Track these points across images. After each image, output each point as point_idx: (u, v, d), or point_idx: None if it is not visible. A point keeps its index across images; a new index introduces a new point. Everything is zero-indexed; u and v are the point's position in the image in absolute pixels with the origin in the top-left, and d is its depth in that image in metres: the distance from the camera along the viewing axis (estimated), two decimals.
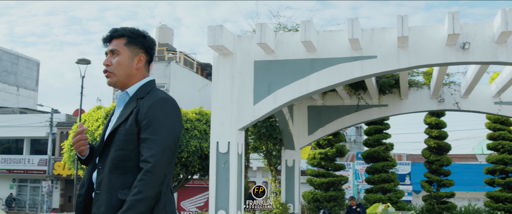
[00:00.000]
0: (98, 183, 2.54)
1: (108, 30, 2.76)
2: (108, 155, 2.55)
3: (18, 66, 40.85)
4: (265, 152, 13.69)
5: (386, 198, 15.78)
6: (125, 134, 2.53)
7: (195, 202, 28.71)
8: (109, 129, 2.63)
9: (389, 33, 8.37)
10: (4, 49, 39.91)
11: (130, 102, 2.63)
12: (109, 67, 2.67)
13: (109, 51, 2.68)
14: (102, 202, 2.49)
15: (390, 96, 13.31)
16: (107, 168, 2.53)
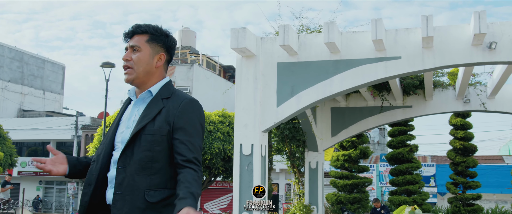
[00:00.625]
0: (118, 183, 2.45)
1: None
2: (131, 155, 2.47)
3: (44, 70, 41.54)
4: (288, 154, 13.67)
5: (411, 200, 15.60)
6: (153, 134, 2.47)
7: (218, 204, 28.81)
8: (132, 128, 2.52)
9: (413, 33, 8.29)
10: (30, 54, 40.63)
11: (154, 102, 2.56)
12: (128, 63, 2.60)
13: (129, 47, 2.62)
14: (124, 203, 2.42)
15: (415, 97, 13.17)
16: (132, 168, 2.45)
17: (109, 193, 2.51)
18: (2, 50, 37.73)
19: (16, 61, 38.86)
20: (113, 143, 2.57)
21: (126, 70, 2.61)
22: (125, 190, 2.44)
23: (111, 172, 2.52)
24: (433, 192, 25.35)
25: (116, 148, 2.55)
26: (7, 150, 20.40)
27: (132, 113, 2.60)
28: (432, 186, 25.88)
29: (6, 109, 36.49)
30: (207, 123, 15.37)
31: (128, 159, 2.47)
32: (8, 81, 37.56)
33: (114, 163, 2.51)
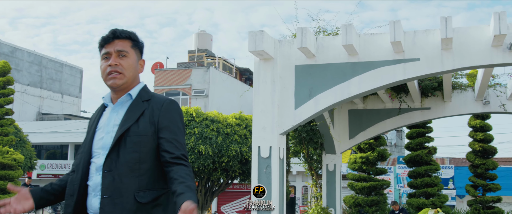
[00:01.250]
0: (105, 188, 2.42)
1: (110, 32, 2.68)
2: (116, 158, 2.46)
3: (62, 74, 42.02)
4: (306, 156, 13.64)
5: (430, 203, 15.47)
6: (139, 135, 2.49)
7: (235, 206, 28.84)
8: (113, 132, 2.52)
9: (432, 35, 8.23)
10: (49, 58, 41.14)
11: (135, 105, 2.58)
12: (118, 68, 2.57)
13: (115, 52, 2.59)
14: (114, 206, 2.41)
15: (433, 99, 13.07)
16: (119, 171, 2.44)
17: (93, 201, 2.48)
18: (21, 54, 38.25)
19: (35, 65, 39.38)
20: (90, 151, 2.54)
21: (113, 74, 2.57)
22: (113, 193, 2.42)
23: (95, 179, 2.48)
24: (452, 194, 25.09)
25: (96, 155, 2.53)
26: (27, 153, 20.68)
27: (111, 117, 2.59)
28: (450, 188, 25.62)
29: (25, 112, 36.98)
30: (224, 125, 15.40)
31: (113, 162, 2.46)
32: (27, 85, 38.07)
33: (97, 169, 2.49)
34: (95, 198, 2.48)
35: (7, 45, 37.19)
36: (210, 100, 30.26)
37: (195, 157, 14.65)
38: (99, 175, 2.48)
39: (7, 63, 16.59)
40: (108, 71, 2.58)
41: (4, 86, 16.23)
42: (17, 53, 37.81)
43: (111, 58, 2.59)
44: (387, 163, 28.66)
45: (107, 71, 2.58)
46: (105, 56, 2.61)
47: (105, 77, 2.60)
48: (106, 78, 2.60)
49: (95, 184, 2.48)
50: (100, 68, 2.64)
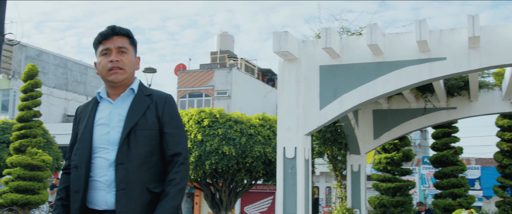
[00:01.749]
0: (119, 181, 2.47)
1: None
2: (127, 152, 2.51)
3: (87, 76, 42.60)
4: (330, 157, 13.59)
5: (457, 204, 15.27)
6: (148, 129, 2.57)
7: (258, 207, 28.85)
8: (120, 127, 2.56)
9: (458, 33, 8.13)
10: (74, 60, 41.75)
11: (139, 99, 2.64)
12: (119, 63, 2.63)
13: (116, 48, 2.64)
14: (129, 199, 2.46)
15: (459, 98, 12.90)
16: (132, 164, 2.50)
17: (109, 197, 2.51)
18: (47, 57, 38.89)
19: (61, 68, 40.00)
20: (91, 146, 2.57)
21: (115, 70, 2.62)
22: (128, 185, 2.48)
23: (110, 174, 2.52)
24: (479, 195, 24.71)
25: (101, 150, 2.56)
26: (54, 154, 21.03)
27: (114, 112, 2.62)
28: (477, 189, 25.22)
29: (51, 114, 37.58)
30: (247, 126, 15.45)
31: (125, 155, 2.51)
32: (53, 87, 38.69)
33: (111, 165, 2.52)
34: (110, 194, 2.51)
35: (33, 48, 37.87)
36: (232, 101, 30.35)
37: (219, 157, 14.72)
38: (112, 170, 2.52)
39: (35, 67, 16.89)
40: (109, 67, 2.63)
41: (32, 89, 16.54)
42: (43, 56, 38.46)
43: (111, 54, 2.64)
44: (412, 164, 28.37)
45: (108, 67, 2.63)
46: (104, 52, 2.65)
47: (105, 73, 2.64)
48: (106, 74, 2.63)
49: (111, 179, 2.52)
50: (99, 64, 2.67)
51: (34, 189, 15.17)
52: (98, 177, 2.53)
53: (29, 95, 16.47)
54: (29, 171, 15.20)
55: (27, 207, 15.16)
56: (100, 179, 2.53)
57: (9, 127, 20.52)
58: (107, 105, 2.66)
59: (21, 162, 15.13)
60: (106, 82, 2.69)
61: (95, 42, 2.70)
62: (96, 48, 2.70)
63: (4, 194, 15.07)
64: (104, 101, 2.69)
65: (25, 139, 15.93)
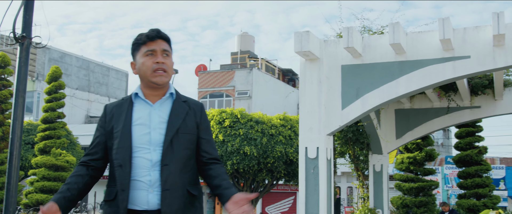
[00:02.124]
0: (164, 181, 2.52)
1: (163, 34, 2.74)
2: (171, 154, 2.56)
3: (109, 77, 43.06)
4: (352, 157, 13.52)
5: (481, 204, 15.06)
6: (189, 133, 2.64)
7: (279, 207, 28.84)
8: (162, 129, 2.59)
9: (483, 31, 8.01)
10: (96, 62, 42.24)
11: (178, 104, 2.69)
12: (164, 66, 2.66)
13: (161, 51, 2.67)
14: (173, 199, 2.53)
15: (483, 97, 12.71)
16: (175, 166, 2.56)
17: (151, 196, 2.54)
18: (70, 59, 39.43)
19: (83, 70, 40.49)
20: (131, 146, 2.58)
21: (160, 72, 2.65)
22: (172, 187, 2.55)
23: (153, 174, 2.55)
24: (503, 195, 24.33)
25: (140, 150, 2.58)
26: (77, 154, 21.31)
27: (154, 114, 2.65)
28: (502, 189, 24.85)
29: (74, 115, 38.08)
30: (268, 126, 15.46)
31: (169, 157, 2.56)
32: (76, 89, 39.19)
33: (154, 165, 2.56)
34: (152, 194, 2.54)
35: (56, 51, 38.42)
36: (253, 101, 30.38)
37: (240, 158, 14.75)
38: (156, 170, 2.56)
39: (59, 69, 17.15)
40: (155, 68, 2.65)
41: (56, 90, 16.79)
42: (66, 59, 38.99)
43: (157, 56, 2.66)
44: (435, 163, 28.06)
45: (154, 68, 2.65)
46: (149, 53, 2.66)
47: (150, 73, 2.65)
48: (151, 75, 2.65)
49: (155, 180, 2.55)
50: (142, 64, 2.67)
51: (57, 191, 15.39)
52: (139, 177, 2.55)
53: (53, 97, 16.71)
54: (54, 171, 15.43)
55: None
56: (142, 179, 2.55)
57: (34, 128, 20.87)
58: (145, 106, 2.68)
59: (45, 162, 15.37)
60: (146, 83, 2.69)
61: (138, 42, 2.71)
62: (137, 49, 2.71)
63: (29, 194, 15.32)
64: (141, 102, 2.70)
65: (49, 140, 16.18)
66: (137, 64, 2.70)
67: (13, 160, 3.95)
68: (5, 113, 16.35)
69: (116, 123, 2.64)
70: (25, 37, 4.04)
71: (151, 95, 2.70)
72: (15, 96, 4.04)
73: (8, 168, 3.98)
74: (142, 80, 2.70)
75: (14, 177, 3.97)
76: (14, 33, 4.02)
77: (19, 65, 4.00)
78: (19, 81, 4.00)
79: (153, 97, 2.70)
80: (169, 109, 2.68)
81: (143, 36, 2.68)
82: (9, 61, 16.83)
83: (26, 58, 3.99)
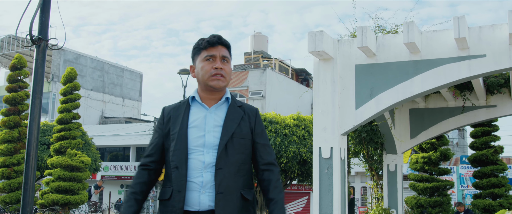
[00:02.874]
0: (218, 184, 2.60)
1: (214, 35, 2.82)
2: (225, 157, 2.64)
3: (123, 78, 43.36)
4: (366, 157, 13.47)
5: (497, 204, 14.91)
6: (244, 138, 2.71)
7: (293, 207, 28.83)
8: (217, 132, 2.68)
9: (499, 30, 7.93)
10: (110, 63, 42.54)
11: (233, 109, 2.77)
12: (222, 71, 2.75)
13: (221, 57, 2.76)
14: (227, 202, 2.61)
15: (499, 96, 12.59)
16: (229, 170, 2.64)
17: (202, 197, 2.62)
18: (84, 60, 39.75)
19: (98, 71, 40.81)
20: (187, 148, 2.66)
21: (217, 76, 2.74)
22: (225, 190, 2.62)
23: (206, 176, 2.64)
24: None
25: (194, 151, 2.66)
26: (92, 155, 21.48)
27: (209, 117, 2.73)
28: None
29: (89, 116, 38.39)
30: (282, 126, 15.45)
31: (223, 161, 2.63)
32: (90, 90, 39.50)
33: (207, 167, 2.64)
34: (204, 195, 2.63)
35: (71, 52, 38.75)
36: (267, 101, 30.39)
37: None
38: (208, 172, 2.65)
39: (74, 70, 17.30)
40: (213, 73, 2.74)
41: (71, 91, 16.94)
42: (81, 60, 39.32)
43: (216, 62, 2.76)
44: (449, 163, 27.84)
45: (212, 73, 2.75)
46: (208, 58, 2.77)
47: (208, 77, 2.75)
48: (208, 79, 2.75)
49: (206, 181, 2.64)
50: (201, 69, 2.77)
51: (74, 190, 15.53)
52: (192, 178, 2.65)
53: (68, 98, 16.87)
54: (69, 172, 15.57)
55: (67, 207, 15.53)
56: (195, 180, 2.64)
57: (49, 129, 21.07)
58: (200, 110, 2.78)
59: (61, 163, 15.52)
60: (204, 86, 2.79)
61: (198, 47, 2.82)
62: (198, 53, 2.82)
63: (45, 194, 15.48)
64: (197, 105, 2.80)
65: (64, 141, 16.33)
66: (196, 68, 2.82)
67: (30, 160, 4.00)
68: (22, 114, 16.53)
69: (173, 125, 2.74)
70: (41, 39, 4.10)
71: (208, 99, 2.79)
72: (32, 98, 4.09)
73: (25, 168, 4.03)
74: (200, 84, 2.80)
75: (31, 177, 4.02)
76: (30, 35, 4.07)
77: (35, 67, 4.05)
78: (36, 82, 4.05)
79: (210, 101, 2.79)
80: (224, 113, 2.77)
81: (204, 42, 2.78)
82: (25, 63, 17.01)
83: (42, 59, 4.04)
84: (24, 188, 4.00)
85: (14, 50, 37.63)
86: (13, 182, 15.65)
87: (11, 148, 15.97)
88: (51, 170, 16.01)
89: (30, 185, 3.97)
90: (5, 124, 16.18)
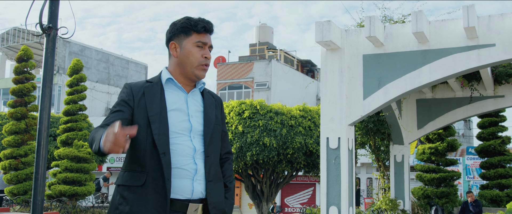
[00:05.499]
0: (207, 172, 2.53)
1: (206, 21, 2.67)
2: (211, 145, 2.58)
3: (128, 70, 43.37)
4: (373, 148, 13.44)
5: (504, 195, 14.88)
6: (219, 125, 2.69)
7: (299, 198, 28.85)
8: (198, 117, 2.58)
9: (508, 19, 7.86)
10: (115, 55, 42.56)
11: (207, 96, 2.70)
12: (208, 61, 2.65)
13: (209, 46, 2.65)
14: (217, 190, 2.58)
15: (507, 86, 12.51)
16: (215, 157, 2.63)
17: (196, 185, 2.49)
18: (90, 52, 39.77)
19: (103, 63, 40.82)
20: (168, 132, 2.48)
21: (204, 67, 2.63)
22: (214, 178, 2.58)
23: (199, 163, 2.52)
24: None
25: (178, 136, 2.49)
26: None
27: (190, 102, 2.60)
28: None
29: (94, 107, 38.45)
30: (288, 117, 15.43)
31: (210, 148, 2.58)
32: (96, 82, 39.55)
33: (198, 153, 2.52)
34: (196, 183, 2.50)
35: (77, 44, 38.78)
36: (272, 92, 30.36)
37: (260, 149, 14.76)
38: (200, 159, 2.54)
39: (80, 61, 17.30)
40: (203, 62, 2.61)
41: (77, 83, 16.95)
42: (86, 52, 39.34)
43: (206, 50, 2.64)
44: (456, 154, 27.78)
45: (202, 62, 2.61)
46: (200, 44, 2.61)
47: (197, 65, 2.60)
48: (196, 67, 2.60)
49: (199, 168, 2.53)
50: (192, 55, 2.59)
51: (81, 181, 15.58)
52: (182, 165, 2.47)
53: (74, 90, 16.89)
54: (76, 163, 15.61)
55: (74, 198, 15.59)
56: (186, 167, 2.48)
57: (55, 120, 21.12)
58: (177, 93, 2.61)
59: (68, 154, 15.56)
60: (187, 73, 2.60)
61: (190, 27, 2.61)
62: (187, 34, 2.60)
63: (52, 186, 15.53)
64: (173, 88, 2.61)
65: (71, 132, 16.36)
66: (182, 49, 2.60)
67: (41, 150, 4.00)
68: (28, 106, 16.57)
69: (150, 106, 2.50)
70: (51, 28, 4.08)
71: (184, 84, 2.64)
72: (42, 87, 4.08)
73: (36, 157, 4.03)
74: (183, 68, 2.60)
75: (42, 166, 4.02)
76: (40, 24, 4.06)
77: (45, 56, 4.04)
78: (45, 72, 4.04)
79: (185, 86, 2.65)
80: (201, 99, 2.67)
81: (199, 25, 2.60)
82: (32, 54, 17.02)
83: (52, 49, 4.02)
84: (35, 177, 4.00)
85: (19, 42, 37.69)
86: (20, 173, 15.70)
87: (18, 139, 16.02)
88: (58, 162, 16.06)
89: (41, 175, 3.97)
90: (12, 115, 16.22)
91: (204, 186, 2.51)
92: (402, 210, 13.01)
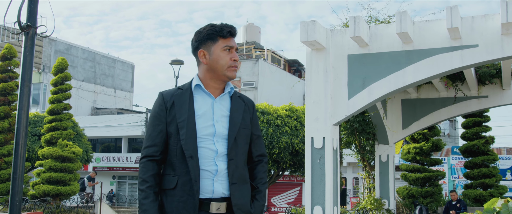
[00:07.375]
0: (231, 175, 2.65)
1: (227, 25, 2.81)
2: (236, 148, 2.68)
3: (115, 69, 43.10)
4: (358, 147, 13.48)
5: (488, 194, 15.01)
6: (248, 129, 2.77)
7: (285, 198, 28.91)
8: (224, 122, 2.69)
9: (491, 20, 7.92)
10: (102, 54, 42.27)
11: (236, 100, 2.79)
12: (237, 63, 2.80)
13: (235, 48, 2.81)
14: (242, 193, 2.67)
15: (491, 87, 12.63)
16: (239, 160, 2.70)
17: (216, 185, 2.64)
18: (76, 51, 39.46)
19: (89, 62, 40.54)
20: (196, 137, 2.64)
21: (235, 68, 2.77)
22: (238, 180, 2.68)
23: (220, 165, 2.65)
24: (510, 185, 24.27)
25: (204, 140, 2.64)
26: (84, 146, 21.38)
27: (216, 107, 2.72)
28: (508, 179, 24.78)
29: (81, 107, 38.17)
30: (274, 117, 15.44)
31: (234, 151, 2.67)
32: (82, 80, 39.26)
33: (220, 156, 2.65)
34: (217, 183, 2.64)
35: (62, 42, 38.46)
36: (259, 92, 30.36)
37: None
38: (222, 161, 2.66)
39: (65, 60, 17.15)
40: (232, 64, 2.74)
41: (62, 82, 16.80)
42: (72, 50, 39.04)
43: (233, 53, 2.76)
44: (441, 154, 28.01)
45: (231, 64, 2.73)
46: (227, 48, 2.74)
47: (226, 68, 2.72)
48: (227, 69, 2.72)
49: (220, 169, 2.65)
50: (221, 58, 2.71)
51: (65, 180, 15.45)
52: (204, 167, 2.63)
53: (59, 89, 16.74)
54: (60, 162, 15.48)
55: (58, 198, 15.45)
56: (207, 168, 2.63)
57: (40, 119, 20.93)
58: (205, 98, 2.74)
59: (52, 154, 15.42)
60: (218, 76, 2.74)
61: (216, 33, 2.74)
62: (214, 40, 2.74)
63: (36, 185, 15.39)
64: (201, 94, 2.75)
65: (56, 131, 16.22)
66: (211, 55, 2.73)
67: (19, 149, 3.94)
68: (12, 105, 16.39)
69: (179, 112, 2.67)
70: (30, 26, 4.02)
71: (213, 88, 2.76)
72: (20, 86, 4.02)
73: (14, 157, 3.97)
74: (214, 72, 2.73)
75: (20, 166, 3.96)
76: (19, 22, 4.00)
77: (24, 55, 3.97)
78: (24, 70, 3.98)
79: (214, 91, 2.76)
80: (228, 103, 2.77)
81: (224, 30, 2.74)
82: (16, 53, 16.85)
83: (31, 47, 3.96)
84: (13, 177, 3.94)
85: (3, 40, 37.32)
86: (3, 173, 15.53)
87: (1, 138, 15.84)
88: (42, 161, 15.91)
89: (19, 175, 3.91)
90: None
91: (227, 187, 2.65)
92: (387, 209, 13.08)
